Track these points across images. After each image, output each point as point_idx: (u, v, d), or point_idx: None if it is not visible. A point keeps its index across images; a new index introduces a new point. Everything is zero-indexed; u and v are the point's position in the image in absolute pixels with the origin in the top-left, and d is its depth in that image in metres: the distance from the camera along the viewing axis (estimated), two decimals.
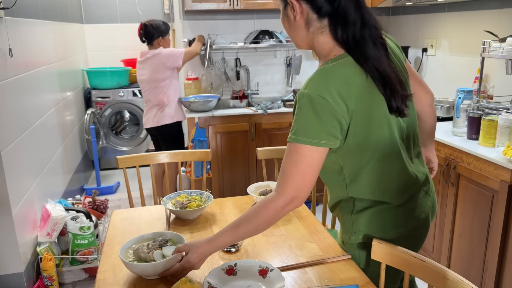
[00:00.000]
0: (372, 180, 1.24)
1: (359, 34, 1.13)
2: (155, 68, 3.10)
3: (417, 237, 1.35)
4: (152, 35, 3.14)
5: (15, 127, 2.26)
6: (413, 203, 1.30)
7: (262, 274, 1.27)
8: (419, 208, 1.31)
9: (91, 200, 2.93)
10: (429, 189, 1.38)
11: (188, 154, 2.26)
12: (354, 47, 1.14)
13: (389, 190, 1.26)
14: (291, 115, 3.32)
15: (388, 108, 1.16)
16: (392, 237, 1.27)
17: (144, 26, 3.14)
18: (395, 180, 1.26)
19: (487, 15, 2.72)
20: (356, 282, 1.26)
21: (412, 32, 3.52)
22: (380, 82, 1.14)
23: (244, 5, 3.36)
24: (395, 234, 1.28)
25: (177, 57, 3.12)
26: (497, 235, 1.99)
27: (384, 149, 1.21)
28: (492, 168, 2.00)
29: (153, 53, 3.10)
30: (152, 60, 3.09)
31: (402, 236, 1.29)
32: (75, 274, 2.58)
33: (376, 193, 1.26)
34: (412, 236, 1.32)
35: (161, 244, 1.37)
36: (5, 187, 2.06)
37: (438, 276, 1.11)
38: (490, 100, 2.63)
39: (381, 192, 1.26)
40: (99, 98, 4.50)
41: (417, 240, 1.35)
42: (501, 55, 2.29)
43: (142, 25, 3.16)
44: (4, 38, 2.18)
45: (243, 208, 1.83)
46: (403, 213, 1.29)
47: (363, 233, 1.30)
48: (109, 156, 4.72)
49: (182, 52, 3.14)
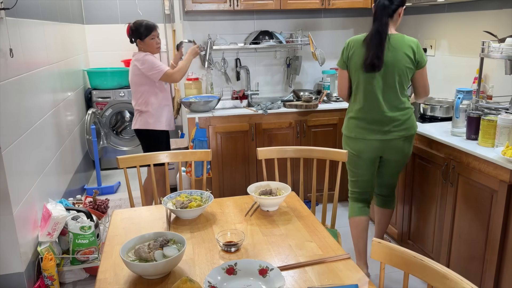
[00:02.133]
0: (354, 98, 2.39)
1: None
2: (134, 72, 3.00)
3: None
4: (131, 36, 3.02)
5: (16, 127, 2.27)
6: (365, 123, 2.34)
7: (262, 273, 1.28)
8: (361, 133, 2.36)
9: (92, 200, 2.94)
10: (385, 133, 2.31)
11: (188, 154, 2.27)
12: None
13: (361, 110, 2.34)
14: (291, 115, 3.35)
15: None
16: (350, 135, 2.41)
17: (129, 26, 3.04)
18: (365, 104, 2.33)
19: (486, 16, 2.72)
20: (356, 282, 1.27)
21: (411, 33, 3.53)
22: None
23: (244, 6, 3.37)
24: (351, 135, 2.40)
25: (156, 72, 2.94)
26: (496, 234, 2.00)
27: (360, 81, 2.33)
28: (491, 168, 2.01)
29: (137, 57, 2.98)
30: (134, 63, 3.00)
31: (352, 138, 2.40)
32: (76, 273, 2.59)
33: (351, 109, 2.42)
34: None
35: (162, 244, 1.38)
36: (6, 186, 2.07)
37: (437, 275, 1.12)
38: (489, 100, 2.64)
39: (356, 110, 2.36)
40: (99, 98, 4.51)
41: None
42: (500, 55, 2.30)
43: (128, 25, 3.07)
44: (5, 38, 2.19)
45: (243, 208, 1.84)
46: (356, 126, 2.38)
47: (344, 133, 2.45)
48: (109, 156, 4.73)
49: (163, 71, 2.94)
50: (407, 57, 2.23)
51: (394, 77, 2.24)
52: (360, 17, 3.92)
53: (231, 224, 1.69)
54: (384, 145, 2.34)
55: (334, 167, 3.35)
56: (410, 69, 2.25)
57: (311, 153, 2.23)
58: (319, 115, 3.39)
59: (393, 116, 2.29)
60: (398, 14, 2.30)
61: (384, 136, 2.32)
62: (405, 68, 2.24)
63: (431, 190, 2.50)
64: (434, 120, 2.79)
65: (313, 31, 3.83)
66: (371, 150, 2.37)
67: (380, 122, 2.31)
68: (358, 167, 2.44)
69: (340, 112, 3.40)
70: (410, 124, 2.33)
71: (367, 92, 2.30)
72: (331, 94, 3.66)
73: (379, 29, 2.21)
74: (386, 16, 2.23)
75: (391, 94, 2.27)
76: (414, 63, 2.25)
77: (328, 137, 3.46)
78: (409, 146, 2.39)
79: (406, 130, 2.32)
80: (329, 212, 3.06)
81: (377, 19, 2.23)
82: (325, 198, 2.22)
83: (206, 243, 1.53)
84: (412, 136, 2.38)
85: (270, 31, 3.69)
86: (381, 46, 2.20)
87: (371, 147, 2.36)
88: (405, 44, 2.24)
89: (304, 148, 2.25)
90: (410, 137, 2.36)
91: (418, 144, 2.58)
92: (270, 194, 1.81)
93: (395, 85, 2.25)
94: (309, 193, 3.43)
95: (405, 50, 2.23)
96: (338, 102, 3.55)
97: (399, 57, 2.22)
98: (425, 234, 2.59)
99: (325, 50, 3.77)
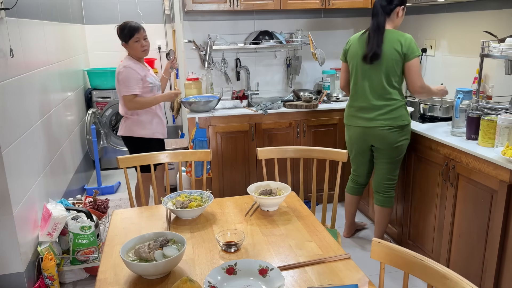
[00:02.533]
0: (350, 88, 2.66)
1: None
2: (116, 78, 2.86)
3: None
4: (119, 39, 2.87)
5: (16, 127, 2.27)
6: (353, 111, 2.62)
7: (262, 273, 1.28)
8: (351, 120, 2.64)
9: (92, 200, 2.94)
10: (368, 119, 2.53)
11: (188, 154, 2.27)
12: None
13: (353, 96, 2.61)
14: (291, 115, 3.35)
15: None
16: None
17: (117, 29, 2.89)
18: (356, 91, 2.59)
19: (486, 16, 2.73)
20: (356, 282, 1.27)
21: (411, 33, 3.52)
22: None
23: (244, 6, 3.37)
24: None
25: (125, 89, 2.79)
26: (496, 234, 2.00)
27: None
28: (491, 168, 2.01)
29: (119, 65, 2.85)
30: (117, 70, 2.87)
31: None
32: (76, 273, 2.59)
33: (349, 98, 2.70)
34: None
35: (162, 244, 1.38)
36: (6, 187, 2.07)
37: (437, 275, 1.12)
38: (489, 100, 2.64)
39: (350, 98, 2.67)
40: (99, 98, 4.51)
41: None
42: (500, 55, 2.30)
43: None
44: (5, 38, 2.19)
45: (243, 208, 1.84)
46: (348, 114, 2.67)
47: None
48: (109, 156, 4.73)
49: (129, 93, 2.78)
50: (394, 51, 2.40)
51: (382, 69, 2.44)
52: (360, 17, 3.92)
53: (231, 224, 1.69)
54: (368, 133, 2.55)
55: (334, 167, 3.35)
56: (397, 61, 2.41)
57: (311, 153, 2.23)
58: (319, 115, 3.39)
59: (378, 104, 2.49)
60: (396, 13, 2.47)
61: (368, 123, 2.54)
62: (391, 60, 2.42)
63: (431, 190, 2.50)
64: (434, 120, 2.79)
65: (313, 31, 3.83)
66: (357, 137, 2.62)
67: (365, 109, 2.54)
68: (351, 151, 2.75)
69: (340, 112, 3.40)
70: (396, 115, 2.47)
71: (357, 81, 2.56)
72: (331, 94, 3.66)
73: (377, 24, 2.45)
74: (383, 14, 2.45)
75: (379, 84, 2.47)
76: (401, 56, 2.40)
77: (328, 137, 3.46)
78: (397, 138, 2.49)
79: (391, 120, 2.47)
80: (329, 212, 3.07)
81: (375, 16, 2.47)
82: (325, 198, 2.22)
83: (206, 243, 1.53)
84: (401, 128, 2.49)
85: (270, 31, 3.69)
86: (380, 38, 2.42)
87: (357, 133, 2.62)
88: (395, 38, 2.42)
89: (304, 148, 2.25)
90: (397, 128, 2.48)
91: (418, 144, 2.58)
92: (270, 194, 1.81)
93: (382, 76, 2.45)
94: (309, 193, 3.44)
95: (393, 44, 2.41)
96: (338, 102, 3.55)
97: (388, 50, 2.42)
98: (425, 234, 2.59)
99: (325, 50, 3.77)
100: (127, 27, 2.81)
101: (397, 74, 2.45)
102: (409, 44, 2.39)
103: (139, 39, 2.83)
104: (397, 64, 2.42)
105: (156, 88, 2.97)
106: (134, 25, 2.83)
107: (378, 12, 2.45)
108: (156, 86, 2.97)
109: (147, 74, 2.91)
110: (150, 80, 2.91)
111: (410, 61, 2.39)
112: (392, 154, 2.55)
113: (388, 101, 2.47)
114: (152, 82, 2.93)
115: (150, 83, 2.90)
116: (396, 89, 2.47)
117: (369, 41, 2.45)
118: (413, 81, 2.42)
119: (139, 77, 2.83)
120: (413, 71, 2.41)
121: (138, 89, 2.83)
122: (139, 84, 2.83)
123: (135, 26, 2.83)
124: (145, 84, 2.87)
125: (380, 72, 2.45)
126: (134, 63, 2.86)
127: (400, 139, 2.50)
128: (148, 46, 2.90)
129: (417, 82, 2.42)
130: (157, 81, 3.03)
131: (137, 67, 2.85)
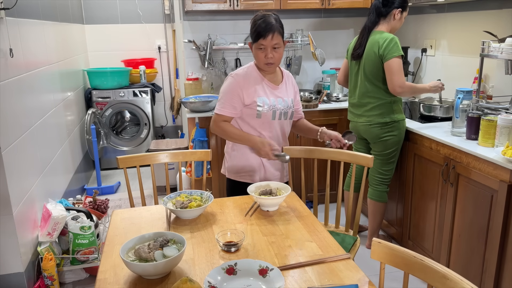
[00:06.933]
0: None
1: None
2: None
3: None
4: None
5: (16, 127, 2.27)
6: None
7: (262, 273, 1.28)
8: (349, 115, 2.81)
9: (92, 200, 2.94)
10: (356, 117, 2.71)
11: (188, 154, 2.27)
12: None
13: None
14: None
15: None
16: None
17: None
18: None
19: (486, 16, 2.72)
20: (356, 282, 1.27)
21: (411, 33, 3.53)
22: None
23: (244, 6, 3.37)
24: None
25: (217, 103, 2.11)
26: (496, 234, 2.00)
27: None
28: (492, 168, 2.01)
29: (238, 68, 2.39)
30: None
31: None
32: (76, 273, 2.59)
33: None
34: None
35: (162, 244, 1.38)
36: (5, 187, 2.07)
37: (437, 275, 1.12)
38: (489, 100, 2.64)
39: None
40: (99, 98, 4.50)
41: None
42: (500, 55, 2.30)
43: None
44: (5, 38, 2.19)
45: (243, 208, 1.84)
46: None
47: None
48: (109, 156, 4.73)
49: (217, 109, 2.10)
50: (372, 52, 2.52)
51: (364, 68, 2.59)
52: (360, 17, 3.92)
53: (231, 224, 1.69)
54: (358, 128, 2.71)
55: (334, 167, 3.35)
56: (375, 62, 2.52)
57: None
58: (319, 115, 3.39)
59: (364, 102, 2.64)
60: (393, 15, 2.54)
61: (357, 118, 2.71)
62: (370, 61, 2.54)
63: (431, 190, 2.50)
64: (434, 120, 2.79)
65: (313, 31, 3.83)
66: (354, 131, 2.73)
67: (355, 105, 2.72)
68: (353, 146, 2.87)
69: (340, 112, 3.40)
70: (377, 112, 2.58)
71: (351, 79, 2.75)
72: (331, 94, 3.66)
73: (367, 24, 2.59)
74: (374, 15, 2.56)
75: (365, 83, 2.61)
76: (379, 57, 2.50)
77: None
78: (379, 133, 2.60)
79: (373, 117, 2.60)
80: (329, 212, 3.06)
81: (368, 15, 2.61)
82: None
83: (206, 243, 1.53)
84: (383, 124, 2.58)
85: None
86: (364, 39, 2.57)
87: (353, 128, 2.77)
88: (375, 40, 2.52)
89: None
90: (378, 124, 2.59)
91: (418, 144, 2.58)
92: (270, 194, 1.81)
93: (365, 75, 2.59)
94: (310, 193, 3.43)
95: (373, 45, 2.52)
96: (338, 102, 3.55)
97: (368, 51, 2.55)
98: (425, 234, 2.59)
99: (325, 50, 3.77)
100: (256, 25, 2.03)
101: (378, 74, 2.54)
102: (386, 45, 2.44)
103: (265, 47, 2.00)
104: (375, 65, 2.52)
105: (270, 115, 2.08)
106: (263, 26, 2.00)
107: (370, 12, 2.59)
108: (272, 112, 2.08)
109: (259, 93, 2.06)
110: (260, 102, 2.05)
111: (387, 61, 2.45)
112: (378, 148, 2.66)
113: (370, 99, 2.60)
114: (268, 105, 2.06)
115: (258, 105, 2.05)
116: (378, 87, 2.56)
117: (357, 41, 2.64)
118: (390, 80, 2.47)
119: (241, 95, 2.05)
120: (390, 71, 2.45)
121: (229, 110, 2.06)
122: (236, 103, 2.05)
123: (263, 28, 2.00)
124: (250, 105, 2.05)
125: (362, 72, 2.60)
126: (251, 72, 2.09)
127: (383, 134, 2.60)
128: (275, 60, 2.02)
129: (395, 81, 2.45)
130: (286, 107, 2.13)
131: (249, 79, 2.06)
